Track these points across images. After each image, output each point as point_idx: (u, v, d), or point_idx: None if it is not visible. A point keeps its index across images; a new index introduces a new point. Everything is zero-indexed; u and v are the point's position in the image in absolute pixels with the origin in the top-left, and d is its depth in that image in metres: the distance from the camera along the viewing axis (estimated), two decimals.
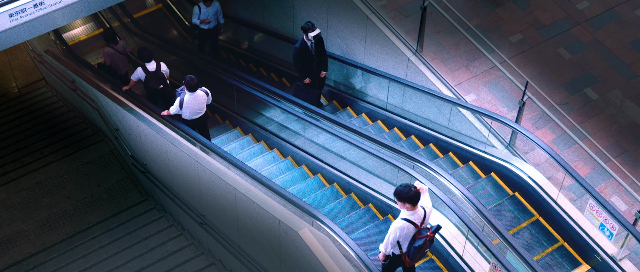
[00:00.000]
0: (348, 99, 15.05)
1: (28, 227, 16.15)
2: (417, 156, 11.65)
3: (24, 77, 20.61)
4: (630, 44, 13.50)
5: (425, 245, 9.38)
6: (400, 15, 13.88)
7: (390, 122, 14.06)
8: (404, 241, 9.42)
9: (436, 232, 9.44)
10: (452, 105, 12.47)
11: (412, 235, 9.36)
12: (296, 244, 10.81)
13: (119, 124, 15.19)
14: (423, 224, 9.37)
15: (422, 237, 9.32)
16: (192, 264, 15.06)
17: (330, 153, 13.43)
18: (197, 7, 16.57)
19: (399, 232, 9.34)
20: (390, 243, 9.50)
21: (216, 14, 16.73)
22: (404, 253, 9.56)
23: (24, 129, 18.57)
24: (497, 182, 11.88)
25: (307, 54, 13.99)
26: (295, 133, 14.63)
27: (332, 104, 15.19)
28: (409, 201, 9.15)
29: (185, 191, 14.14)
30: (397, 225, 9.31)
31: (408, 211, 9.25)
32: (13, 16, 12.19)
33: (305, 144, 14.10)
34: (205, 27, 16.87)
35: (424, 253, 9.59)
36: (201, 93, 13.59)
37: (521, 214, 11.42)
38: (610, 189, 11.50)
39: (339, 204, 12.57)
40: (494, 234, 10.37)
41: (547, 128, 12.29)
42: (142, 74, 14.65)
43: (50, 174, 17.18)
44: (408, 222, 9.27)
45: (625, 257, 10.49)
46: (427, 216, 9.39)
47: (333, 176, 13.19)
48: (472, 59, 13.24)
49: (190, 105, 13.60)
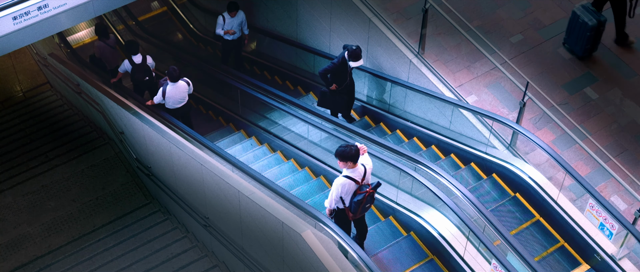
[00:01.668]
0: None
1: (34, 230, 16.23)
2: (418, 157, 11.70)
3: (28, 81, 20.68)
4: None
5: (364, 200, 10.21)
6: (402, 17, 13.95)
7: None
8: (346, 196, 10.25)
9: (375, 189, 10.27)
10: (454, 107, 12.53)
11: (353, 191, 10.20)
12: (299, 246, 10.87)
13: (123, 127, 15.27)
14: (363, 180, 10.19)
15: (362, 193, 10.16)
16: (196, 266, 15.13)
17: (331, 154, 13.49)
18: (221, 17, 16.14)
19: (340, 188, 10.17)
20: (334, 199, 10.38)
21: (241, 25, 16.31)
22: (347, 208, 10.37)
23: (29, 132, 18.64)
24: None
25: (342, 74, 13.48)
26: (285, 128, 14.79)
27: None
28: (350, 159, 10.00)
29: (189, 194, 14.21)
30: (340, 182, 10.14)
31: (349, 169, 10.11)
32: (17, 19, 12.23)
33: (306, 144, 14.17)
34: (230, 38, 16.41)
35: (365, 208, 10.41)
36: (183, 83, 14.23)
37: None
38: (610, 189, 11.56)
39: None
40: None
41: (548, 128, 12.35)
42: (128, 66, 15.45)
43: (55, 178, 17.25)
44: (349, 179, 10.12)
45: (624, 257, 10.53)
46: (367, 173, 10.20)
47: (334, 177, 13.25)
48: (474, 61, 13.31)
49: (173, 95, 14.25)
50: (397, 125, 14.06)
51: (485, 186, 11.92)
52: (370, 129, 14.21)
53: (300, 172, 13.81)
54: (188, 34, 20.41)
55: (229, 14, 16.07)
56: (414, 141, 13.56)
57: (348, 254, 10.50)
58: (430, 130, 13.33)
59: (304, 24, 15.46)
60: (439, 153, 13.07)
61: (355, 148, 9.99)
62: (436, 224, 11.35)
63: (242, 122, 15.94)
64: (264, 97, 14.64)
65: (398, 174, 11.75)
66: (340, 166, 10.18)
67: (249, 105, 15.79)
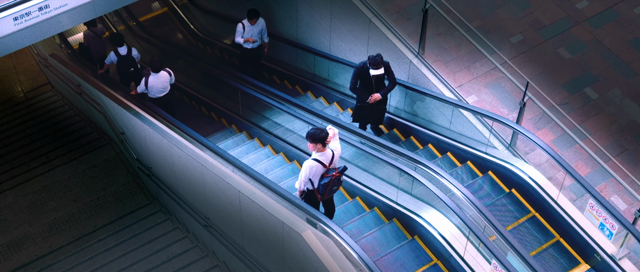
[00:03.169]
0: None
1: (35, 230, 16.26)
2: (417, 157, 11.73)
3: (29, 81, 20.70)
4: (629, 43, 13.57)
5: (331, 183, 10.72)
6: (402, 18, 13.96)
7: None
8: (314, 178, 10.77)
9: (342, 173, 10.75)
10: (454, 107, 12.55)
11: (321, 174, 10.72)
12: (299, 246, 10.89)
13: (124, 127, 15.30)
14: (331, 164, 10.73)
15: (329, 176, 10.68)
16: (197, 266, 15.16)
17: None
18: (241, 24, 15.53)
19: (309, 170, 10.69)
20: (303, 181, 10.89)
21: (261, 32, 15.74)
22: (315, 189, 10.87)
23: (30, 133, 18.67)
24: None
25: (366, 83, 12.98)
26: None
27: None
28: (320, 142, 10.48)
29: (190, 194, 14.23)
30: (308, 165, 10.66)
31: (318, 152, 10.62)
32: (18, 20, 12.24)
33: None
34: (249, 47, 15.82)
35: (332, 190, 10.91)
36: (164, 73, 14.93)
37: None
38: (610, 189, 11.57)
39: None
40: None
41: (548, 128, 12.36)
42: (114, 58, 16.16)
43: (56, 178, 17.28)
44: (317, 162, 10.63)
45: (624, 257, 10.55)
46: (335, 158, 10.75)
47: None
48: (474, 61, 13.33)
49: (155, 84, 14.93)
50: (395, 124, 14.08)
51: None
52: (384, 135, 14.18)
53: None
54: (189, 34, 20.42)
55: (249, 22, 15.51)
56: (411, 140, 13.58)
57: (350, 255, 10.55)
58: (428, 130, 13.34)
59: (304, 24, 15.48)
60: (435, 152, 13.09)
61: (326, 132, 10.48)
62: (436, 224, 11.38)
63: (244, 123, 15.95)
64: (265, 98, 14.66)
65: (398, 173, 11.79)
66: (310, 148, 10.64)
67: (250, 106, 15.81)
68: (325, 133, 10.46)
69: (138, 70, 16.26)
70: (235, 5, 17.99)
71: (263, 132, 15.15)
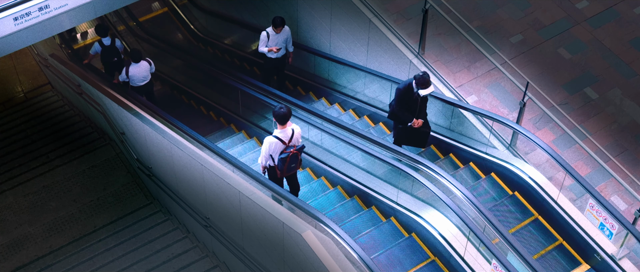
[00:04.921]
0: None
1: (35, 231, 16.27)
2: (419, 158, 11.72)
3: (29, 82, 20.71)
4: (629, 43, 13.57)
5: (288, 159, 11.35)
6: (402, 18, 13.96)
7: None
8: (274, 154, 11.42)
9: (300, 151, 11.45)
10: (454, 107, 12.55)
11: (281, 150, 11.35)
12: (299, 247, 10.90)
13: (124, 127, 15.30)
14: (290, 142, 11.34)
15: (286, 152, 11.29)
16: (197, 266, 15.16)
17: (333, 155, 13.51)
18: (265, 33, 14.62)
19: (268, 146, 11.34)
20: (264, 157, 11.52)
21: (286, 41, 14.91)
22: (275, 165, 11.49)
23: (30, 133, 18.67)
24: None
25: (411, 104, 12.04)
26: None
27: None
28: (280, 119, 11.16)
29: (190, 194, 14.23)
30: (268, 141, 11.31)
31: (279, 129, 11.28)
32: (18, 20, 12.24)
33: (309, 146, 14.18)
34: (273, 56, 14.96)
35: (291, 167, 11.57)
36: (145, 63, 15.55)
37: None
38: (610, 189, 11.57)
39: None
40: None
41: (548, 128, 12.36)
42: (98, 48, 16.66)
43: (56, 178, 17.29)
44: (277, 139, 11.29)
45: (624, 257, 10.55)
46: (294, 136, 11.36)
47: (337, 178, 13.29)
48: (474, 61, 13.32)
49: (136, 73, 15.51)
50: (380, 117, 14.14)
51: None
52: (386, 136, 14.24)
53: (301, 173, 13.82)
54: (189, 34, 20.42)
55: (274, 30, 14.59)
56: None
57: (349, 254, 10.55)
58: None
59: (304, 24, 15.47)
60: (438, 152, 13.09)
61: (287, 110, 11.14)
62: (434, 222, 11.38)
63: (242, 122, 15.95)
64: (263, 98, 14.65)
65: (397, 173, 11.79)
66: (274, 125, 11.29)
67: (249, 106, 15.80)
68: (286, 111, 11.11)
69: (121, 60, 16.82)
70: (235, 6, 17.99)
71: (262, 131, 15.14)
